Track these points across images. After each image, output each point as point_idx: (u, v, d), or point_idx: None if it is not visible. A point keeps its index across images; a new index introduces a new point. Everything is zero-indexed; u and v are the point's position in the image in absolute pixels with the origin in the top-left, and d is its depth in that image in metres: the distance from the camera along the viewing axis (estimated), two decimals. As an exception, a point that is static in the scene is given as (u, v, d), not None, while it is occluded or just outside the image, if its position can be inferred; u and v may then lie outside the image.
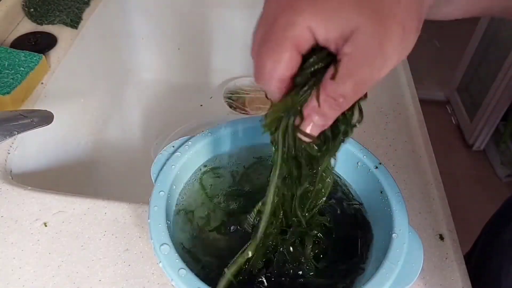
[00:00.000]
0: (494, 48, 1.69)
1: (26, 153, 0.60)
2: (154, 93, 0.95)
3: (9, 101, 0.59)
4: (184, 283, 0.35)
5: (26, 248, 0.46)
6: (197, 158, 0.47)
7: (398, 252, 0.38)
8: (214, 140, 0.47)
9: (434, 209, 0.53)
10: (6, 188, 0.51)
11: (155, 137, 0.78)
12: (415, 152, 0.60)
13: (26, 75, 0.62)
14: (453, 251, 0.49)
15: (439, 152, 0.63)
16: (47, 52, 0.69)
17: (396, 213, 0.41)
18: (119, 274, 0.45)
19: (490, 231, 0.60)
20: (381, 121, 0.64)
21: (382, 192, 0.43)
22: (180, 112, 0.91)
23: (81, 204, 0.50)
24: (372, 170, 0.45)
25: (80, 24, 0.75)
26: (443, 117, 1.95)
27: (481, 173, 1.74)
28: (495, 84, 1.61)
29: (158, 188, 0.41)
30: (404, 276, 0.38)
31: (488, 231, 0.62)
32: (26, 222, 0.48)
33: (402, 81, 0.70)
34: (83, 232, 0.48)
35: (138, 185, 0.55)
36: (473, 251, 0.64)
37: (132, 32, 0.91)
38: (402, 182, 0.56)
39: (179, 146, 0.46)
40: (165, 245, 0.37)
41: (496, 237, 0.55)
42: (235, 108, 0.89)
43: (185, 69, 0.98)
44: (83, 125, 0.77)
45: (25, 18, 0.75)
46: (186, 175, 0.46)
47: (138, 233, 0.48)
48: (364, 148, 0.47)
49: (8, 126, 0.46)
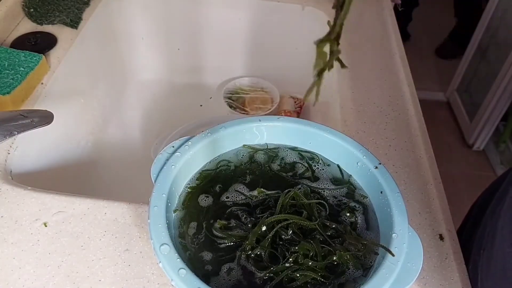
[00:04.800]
0: (494, 48, 1.69)
1: (26, 153, 0.60)
2: (154, 93, 0.95)
3: (9, 101, 0.59)
4: (184, 283, 0.35)
5: (26, 248, 0.46)
6: (197, 158, 0.47)
7: (397, 252, 0.38)
8: (214, 140, 0.47)
9: (434, 209, 0.53)
10: (6, 188, 0.51)
11: (155, 137, 0.78)
12: (415, 152, 0.60)
13: (26, 75, 0.62)
14: (453, 251, 0.49)
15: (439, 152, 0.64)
16: (47, 52, 0.69)
17: (396, 213, 0.41)
18: (119, 274, 0.45)
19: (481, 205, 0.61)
20: (381, 121, 0.64)
21: (382, 192, 0.43)
22: (180, 112, 0.91)
23: (81, 204, 0.50)
24: (372, 170, 0.45)
25: (80, 24, 0.75)
26: (443, 117, 1.95)
27: (481, 173, 1.74)
28: (495, 84, 1.61)
29: (158, 188, 0.41)
30: (404, 276, 0.38)
31: (479, 205, 0.63)
32: (26, 222, 0.48)
33: (402, 81, 0.70)
34: (83, 232, 0.48)
35: (138, 185, 0.55)
36: (464, 224, 0.65)
37: (132, 32, 0.91)
38: (402, 182, 0.56)
39: (179, 146, 0.46)
40: (165, 245, 0.37)
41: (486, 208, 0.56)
42: (235, 108, 0.89)
43: (185, 69, 0.98)
44: (83, 125, 0.77)
45: (25, 18, 0.75)
46: (186, 175, 0.46)
47: (138, 233, 0.48)
48: (364, 148, 0.47)
49: (8, 126, 0.46)
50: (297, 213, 0.43)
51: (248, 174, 0.48)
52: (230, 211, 0.44)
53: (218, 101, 0.91)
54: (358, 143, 0.47)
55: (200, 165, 0.47)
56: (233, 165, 0.48)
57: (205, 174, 0.47)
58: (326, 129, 0.48)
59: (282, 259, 0.40)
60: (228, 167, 0.48)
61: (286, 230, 0.41)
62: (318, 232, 0.41)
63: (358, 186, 0.47)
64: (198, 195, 0.45)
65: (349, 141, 0.47)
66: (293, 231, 0.41)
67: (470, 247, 0.52)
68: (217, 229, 0.42)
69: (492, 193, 0.57)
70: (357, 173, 0.47)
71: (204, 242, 0.42)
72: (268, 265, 0.40)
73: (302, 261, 0.39)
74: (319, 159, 0.49)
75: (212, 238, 0.42)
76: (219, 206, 0.44)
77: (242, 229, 0.42)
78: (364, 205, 0.45)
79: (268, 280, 0.39)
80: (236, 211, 0.44)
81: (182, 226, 0.42)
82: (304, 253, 0.40)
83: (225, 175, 0.47)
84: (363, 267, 0.40)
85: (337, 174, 0.48)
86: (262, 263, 0.40)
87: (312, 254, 0.40)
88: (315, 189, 0.46)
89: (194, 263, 0.40)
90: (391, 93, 0.68)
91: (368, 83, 0.70)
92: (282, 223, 0.41)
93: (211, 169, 0.48)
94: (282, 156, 0.49)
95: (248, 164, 0.48)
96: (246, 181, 0.47)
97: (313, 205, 0.43)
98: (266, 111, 0.88)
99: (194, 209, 0.44)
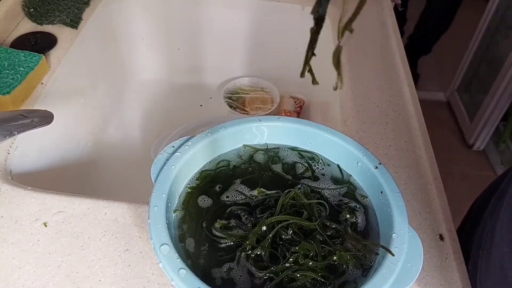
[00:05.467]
0: (494, 48, 1.69)
1: (26, 153, 0.60)
2: (154, 93, 0.95)
3: (9, 101, 0.59)
4: (184, 283, 0.35)
5: (26, 248, 0.46)
6: (197, 158, 0.47)
7: (398, 252, 0.38)
8: (214, 140, 0.47)
9: (434, 209, 0.53)
10: (6, 188, 0.51)
11: (155, 137, 0.78)
12: (415, 152, 0.60)
13: (26, 75, 0.62)
14: (453, 251, 0.49)
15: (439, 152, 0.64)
16: (47, 52, 0.69)
17: (396, 213, 0.41)
18: (119, 274, 0.45)
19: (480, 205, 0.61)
20: (381, 121, 0.64)
21: (382, 193, 0.43)
22: (180, 112, 0.91)
23: (81, 204, 0.50)
24: (372, 170, 0.45)
25: (80, 24, 0.75)
26: (443, 117, 1.95)
27: (481, 173, 1.74)
28: (495, 84, 1.61)
29: (158, 188, 0.41)
30: (404, 276, 0.38)
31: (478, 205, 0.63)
32: (26, 222, 0.48)
33: (402, 81, 0.70)
34: (83, 232, 0.48)
35: (138, 185, 0.55)
36: (463, 224, 0.65)
37: (132, 32, 0.91)
38: (402, 182, 0.56)
39: (179, 146, 0.46)
40: (165, 245, 0.37)
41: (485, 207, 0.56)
42: (235, 108, 0.89)
43: (185, 69, 0.98)
44: (83, 125, 0.77)
45: (25, 18, 0.75)
46: (186, 175, 0.46)
47: (138, 233, 0.48)
48: (364, 148, 0.47)
49: (8, 126, 0.46)
50: (297, 213, 0.43)
51: (248, 174, 0.48)
52: (230, 211, 0.44)
53: (218, 101, 0.91)
54: (358, 143, 0.47)
55: (200, 165, 0.47)
56: (233, 165, 0.48)
57: (205, 174, 0.47)
58: (326, 129, 0.48)
59: (282, 259, 0.40)
60: (228, 167, 0.48)
61: (286, 230, 0.41)
62: (318, 232, 0.41)
63: (358, 186, 0.47)
64: (198, 195, 0.45)
65: (349, 141, 0.47)
66: (293, 231, 0.41)
67: (470, 247, 0.52)
68: (217, 228, 0.42)
69: (491, 193, 0.57)
70: (357, 173, 0.47)
71: (204, 242, 0.42)
72: (268, 265, 0.40)
73: (302, 261, 0.39)
74: (319, 159, 0.49)
75: (212, 238, 0.42)
76: (219, 206, 0.44)
77: (242, 229, 0.42)
78: (364, 205, 0.45)
79: (268, 280, 0.39)
80: (236, 211, 0.44)
81: (182, 226, 0.42)
82: (304, 253, 0.40)
83: (225, 175, 0.47)
84: (363, 267, 0.40)
85: (337, 174, 0.48)
86: (262, 263, 0.40)
87: (312, 254, 0.40)
88: (315, 189, 0.46)
89: (194, 263, 0.40)
90: (391, 93, 0.68)
91: (368, 83, 0.70)
92: (283, 223, 0.41)
93: (211, 169, 0.48)
94: (282, 156, 0.49)
95: (248, 164, 0.48)
96: (246, 181, 0.47)
97: (313, 205, 0.43)
98: (266, 111, 0.88)
99: (194, 209, 0.44)
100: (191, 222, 0.43)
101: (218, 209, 0.44)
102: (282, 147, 0.50)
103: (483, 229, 0.51)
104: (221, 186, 0.46)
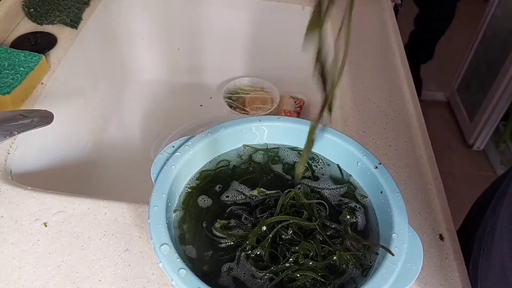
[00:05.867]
0: (494, 48, 1.69)
1: (26, 153, 0.60)
2: (154, 93, 0.95)
3: (9, 101, 0.59)
4: (184, 283, 0.35)
5: (26, 248, 0.46)
6: (197, 158, 0.47)
7: (397, 252, 0.38)
8: (214, 140, 0.47)
9: (434, 209, 0.53)
10: (6, 188, 0.51)
11: (155, 137, 0.78)
12: (415, 152, 0.60)
13: (26, 75, 0.62)
14: (453, 251, 0.49)
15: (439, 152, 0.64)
16: (47, 52, 0.69)
17: (396, 213, 0.41)
18: (119, 274, 0.45)
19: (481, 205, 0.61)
20: (381, 121, 0.64)
21: (382, 192, 0.43)
22: (180, 112, 0.91)
23: (81, 204, 0.50)
24: (372, 170, 0.45)
25: (80, 24, 0.75)
26: (443, 117, 1.95)
27: (481, 173, 1.74)
28: (495, 84, 1.61)
29: (158, 188, 0.41)
30: (404, 276, 0.38)
31: (479, 205, 0.63)
32: (26, 222, 0.48)
33: (402, 81, 0.70)
34: (83, 232, 0.48)
35: (138, 185, 0.55)
36: (464, 225, 0.65)
37: (132, 32, 0.91)
38: (402, 182, 0.56)
39: (179, 146, 0.46)
40: (165, 245, 0.37)
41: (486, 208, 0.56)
42: (235, 108, 0.89)
43: (185, 69, 0.98)
44: (83, 125, 0.77)
45: (25, 18, 0.75)
46: (186, 175, 0.46)
47: (138, 233, 0.48)
48: (364, 148, 0.47)
49: (8, 126, 0.46)
50: (297, 213, 0.43)
51: (248, 174, 0.48)
52: (230, 211, 0.44)
53: (218, 101, 0.91)
54: (358, 143, 0.47)
55: (200, 165, 0.47)
56: (233, 165, 0.48)
57: (205, 174, 0.47)
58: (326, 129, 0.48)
59: (282, 259, 0.40)
60: (228, 167, 0.48)
61: (286, 230, 0.41)
62: (318, 232, 0.41)
63: (358, 186, 0.47)
64: (198, 195, 0.45)
65: (349, 141, 0.47)
66: (293, 231, 0.41)
67: (470, 247, 0.52)
68: (217, 228, 0.42)
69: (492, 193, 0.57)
70: (357, 173, 0.47)
71: (204, 242, 0.42)
72: (268, 265, 0.40)
73: (302, 261, 0.39)
74: (319, 159, 0.49)
75: (212, 238, 0.42)
76: (219, 205, 0.44)
77: (242, 229, 0.42)
78: (364, 205, 0.45)
79: (268, 280, 0.39)
80: (236, 211, 0.44)
81: (182, 226, 0.42)
82: (304, 253, 0.40)
83: (225, 175, 0.47)
84: (363, 267, 0.40)
85: (337, 174, 0.48)
86: (262, 263, 0.40)
87: (312, 254, 0.40)
88: (315, 189, 0.46)
89: (194, 263, 0.40)
90: (391, 93, 0.68)
91: (368, 83, 0.70)
92: (283, 223, 0.41)
93: (211, 169, 0.48)
94: (282, 156, 0.49)
95: (248, 164, 0.48)
96: (246, 181, 0.47)
97: (313, 205, 0.43)
98: (266, 111, 0.88)
99: (194, 209, 0.44)
100: (191, 222, 0.43)
101: (218, 209, 0.44)
102: (282, 147, 0.50)
103: (484, 229, 0.51)
104: (221, 186, 0.46)
